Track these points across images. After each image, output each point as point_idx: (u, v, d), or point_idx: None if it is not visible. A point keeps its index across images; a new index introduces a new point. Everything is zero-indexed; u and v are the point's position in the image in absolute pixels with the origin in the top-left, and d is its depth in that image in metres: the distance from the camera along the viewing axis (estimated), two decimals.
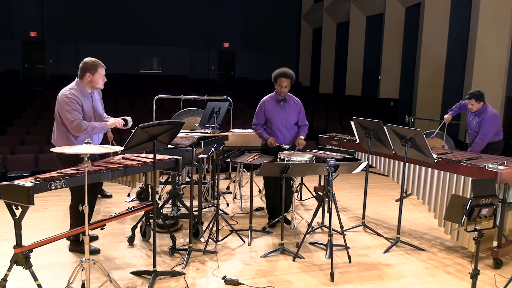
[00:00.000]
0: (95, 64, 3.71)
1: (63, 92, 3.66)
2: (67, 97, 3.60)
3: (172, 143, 3.73)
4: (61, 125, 3.68)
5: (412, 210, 5.60)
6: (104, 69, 3.79)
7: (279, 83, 4.53)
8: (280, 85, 4.53)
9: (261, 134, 4.67)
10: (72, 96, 3.62)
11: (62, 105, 3.61)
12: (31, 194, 2.69)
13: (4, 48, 14.99)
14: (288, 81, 4.51)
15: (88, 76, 3.70)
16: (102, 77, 3.78)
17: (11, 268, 2.87)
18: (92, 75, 3.70)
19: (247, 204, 5.51)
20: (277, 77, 4.54)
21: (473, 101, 4.94)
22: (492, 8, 8.84)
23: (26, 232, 2.98)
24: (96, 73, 3.70)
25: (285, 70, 4.54)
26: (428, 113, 10.34)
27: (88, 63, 3.71)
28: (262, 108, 4.66)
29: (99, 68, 3.72)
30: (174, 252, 3.90)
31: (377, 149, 4.62)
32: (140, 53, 16.73)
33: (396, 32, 12.41)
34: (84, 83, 3.73)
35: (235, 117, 8.27)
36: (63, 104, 3.60)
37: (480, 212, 2.68)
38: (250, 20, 17.92)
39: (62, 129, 3.69)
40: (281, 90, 4.55)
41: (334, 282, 3.45)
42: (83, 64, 3.72)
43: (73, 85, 3.72)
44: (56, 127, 3.75)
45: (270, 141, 4.55)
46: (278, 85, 4.55)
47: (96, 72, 3.70)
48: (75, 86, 3.71)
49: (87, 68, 3.69)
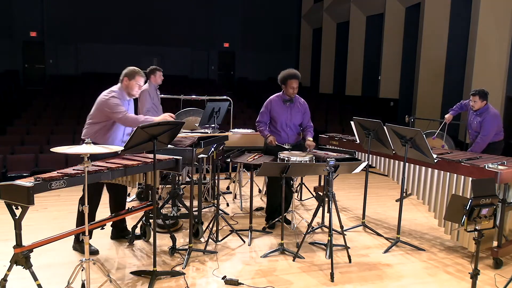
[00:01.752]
0: (135, 72, 3.89)
1: (106, 93, 3.82)
2: (110, 96, 3.77)
3: (172, 143, 3.73)
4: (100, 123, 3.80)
5: (412, 210, 5.60)
6: (143, 79, 3.96)
7: (289, 84, 4.53)
8: (291, 86, 4.53)
9: (262, 131, 4.67)
10: (116, 95, 3.80)
11: (105, 103, 3.75)
12: (31, 194, 2.69)
13: (4, 48, 14.99)
14: (297, 82, 4.55)
15: (125, 80, 3.87)
16: (139, 85, 3.94)
17: (11, 268, 2.87)
18: (129, 80, 3.86)
19: (247, 204, 5.51)
20: (286, 79, 4.54)
21: (477, 98, 4.93)
22: (492, 8, 8.84)
23: (26, 232, 2.97)
24: (133, 79, 3.87)
25: (294, 71, 4.56)
26: (428, 113, 10.34)
27: (129, 69, 3.91)
28: (268, 107, 4.66)
29: (137, 76, 3.89)
30: (174, 252, 3.90)
31: (377, 149, 4.62)
32: (140, 53, 16.73)
33: (396, 32, 12.41)
34: (123, 89, 3.90)
35: (235, 117, 8.28)
36: (107, 102, 3.74)
37: (480, 212, 2.68)
38: (250, 20, 17.92)
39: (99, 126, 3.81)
40: (292, 92, 4.56)
41: (334, 282, 3.45)
42: (125, 70, 3.92)
43: (116, 88, 3.90)
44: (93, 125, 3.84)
45: (271, 139, 4.55)
46: (288, 87, 4.54)
47: (133, 79, 3.87)
48: (118, 90, 3.89)
49: (126, 74, 3.89)
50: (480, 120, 4.96)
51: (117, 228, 4.24)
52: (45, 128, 8.82)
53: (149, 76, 5.69)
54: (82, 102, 11.46)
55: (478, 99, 4.93)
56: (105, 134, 3.82)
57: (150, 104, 5.55)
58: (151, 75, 5.70)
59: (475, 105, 4.97)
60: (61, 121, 9.54)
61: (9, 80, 14.55)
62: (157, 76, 5.74)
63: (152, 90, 5.65)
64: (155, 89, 5.76)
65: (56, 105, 11.10)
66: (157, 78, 5.74)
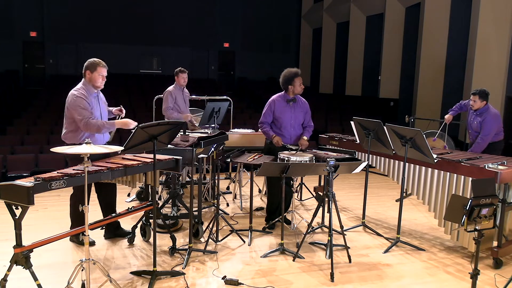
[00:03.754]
0: (95, 63, 3.86)
1: (72, 92, 3.83)
2: (76, 96, 3.78)
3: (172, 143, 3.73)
4: (71, 123, 3.85)
5: (412, 210, 5.60)
6: (104, 69, 3.91)
7: (297, 82, 4.58)
8: (299, 84, 4.60)
9: (267, 132, 4.63)
10: (80, 95, 3.78)
11: (72, 104, 3.77)
12: (31, 194, 2.69)
13: (4, 48, 14.99)
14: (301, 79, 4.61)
15: (88, 74, 3.85)
16: (102, 76, 3.88)
17: (11, 268, 2.87)
18: (91, 73, 3.84)
19: (247, 204, 5.51)
20: (293, 78, 4.56)
21: (477, 98, 4.94)
22: (492, 8, 8.83)
23: (26, 232, 2.98)
24: (95, 71, 3.84)
25: (296, 69, 4.63)
26: (428, 113, 10.33)
27: (89, 62, 3.89)
28: (271, 107, 4.64)
29: (98, 67, 3.85)
30: (174, 252, 3.90)
31: (377, 149, 4.62)
32: (140, 53, 16.73)
33: (396, 32, 12.41)
34: (87, 82, 3.88)
35: (235, 117, 8.27)
36: (72, 103, 3.77)
37: (480, 212, 2.68)
38: (250, 20, 17.92)
39: (72, 126, 3.86)
40: (300, 89, 4.61)
41: (334, 282, 3.45)
42: (85, 63, 3.89)
43: (80, 84, 3.89)
44: (66, 124, 3.93)
45: (277, 139, 4.53)
46: (297, 85, 4.58)
47: (95, 71, 3.84)
48: (82, 85, 3.88)
49: (87, 67, 3.87)
50: (480, 120, 4.96)
51: (111, 227, 4.22)
52: (45, 128, 8.82)
53: (174, 78, 5.90)
54: None
55: (478, 99, 4.93)
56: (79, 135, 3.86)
57: (171, 104, 5.74)
58: (175, 76, 5.88)
59: (474, 104, 4.97)
60: (61, 121, 9.48)
61: (9, 80, 14.55)
62: (180, 78, 5.87)
63: (175, 91, 5.82)
64: (181, 90, 5.90)
65: (56, 105, 11.08)
66: (179, 80, 5.87)
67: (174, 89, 5.82)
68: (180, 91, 5.88)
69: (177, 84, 5.87)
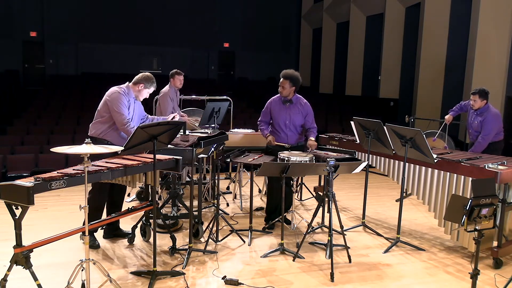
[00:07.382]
0: (152, 81, 4.10)
1: (115, 88, 3.95)
2: (119, 93, 3.89)
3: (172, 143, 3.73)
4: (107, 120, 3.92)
5: (412, 210, 5.60)
6: (154, 89, 4.15)
7: (280, 83, 4.58)
8: (279, 85, 4.59)
9: (262, 131, 4.74)
10: (123, 93, 3.94)
11: (114, 100, 3.88)
12: (31, 194, 2.68)
13: (4, 48, 14.98)
14: (286, 82, 4.53)
15: (141, 86, 4.04)
16: (149, 94, 4.15)
17: (11, 268, 2.87)
18: (144, 88, 4.06)
19: (247, 204, 5.51)
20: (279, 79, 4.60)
21: (477, 97, 4.94)
22: (492, 8, 8.83)
23: (26, 232, 2.97)
24: (147, 89, 4.08)
25: (286, 71, 4.60)
26: (428, 113, 10.33)
27: (148, 77, 4.08)
28: (268, 107, 4.74)
29: (152, 86, 4.10)
30: (174, 252, 3.90)
31: (377, 149, 4.62)
32: (140, 53, 16.72)
33: (396, 32, 12.40)
34: (133, 89, 4.05)
35: (235, 117, 8.27)
36: (116, 99, 3.88)
37: (480, 212, 2.68)
38: (250, 20, 17.91)
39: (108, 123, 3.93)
40: (281, 90, 4.59)
41: (334, 282, 3.45)
42: (143, 75, 4.09)
43: (124, 86, 4.02)
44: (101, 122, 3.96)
45: (270, 139, 4.59)
46: (280, 87, 4.60)
47: (147, 88, 4.08)
48: (125, 88, 4.01)
49: (145, 79, 4.06)
50: (481, 120, 4.96)
51: (111, 227, 4.23)
52: (45, 128, 8.82)
53: (169, 80, 5.81)
54: (82, 102, 11.47)
55: (478, 98, 4.93)
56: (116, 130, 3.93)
57: (170, 107, 5.66)
58: (171, 78, 5.80)
59: (475, 104, 4.97)
60: (61, 121, 9.54)
61: (9, 80, 14.54)
62: (176, 80, 5.80)
63: (172, 93, 5.75)
64: (175, 92, 5.84)
65: (56, 105, 11.10)
66: (176, 82, 5.81)
67: (170, 91, 5.71)
68: (175, 93, 5.81)
69: (173, 86, 5.78)
